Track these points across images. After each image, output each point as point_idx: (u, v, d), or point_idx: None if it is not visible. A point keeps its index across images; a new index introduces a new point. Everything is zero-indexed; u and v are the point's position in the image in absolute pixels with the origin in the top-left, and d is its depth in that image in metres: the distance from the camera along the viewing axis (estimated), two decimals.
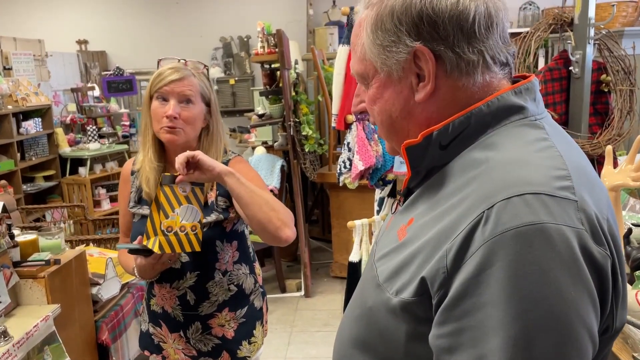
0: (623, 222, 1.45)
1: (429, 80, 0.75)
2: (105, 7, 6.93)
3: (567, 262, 0.63)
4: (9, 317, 1.74)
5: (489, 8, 0.74)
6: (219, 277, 1.63)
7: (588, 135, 2.20)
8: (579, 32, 2.11)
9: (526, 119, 0.75)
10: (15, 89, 4.84)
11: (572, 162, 0.71)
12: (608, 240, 0.67)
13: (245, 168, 1.64)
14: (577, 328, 0.63)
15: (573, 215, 0.65)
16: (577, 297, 0.63)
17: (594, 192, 0.70)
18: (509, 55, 0.77)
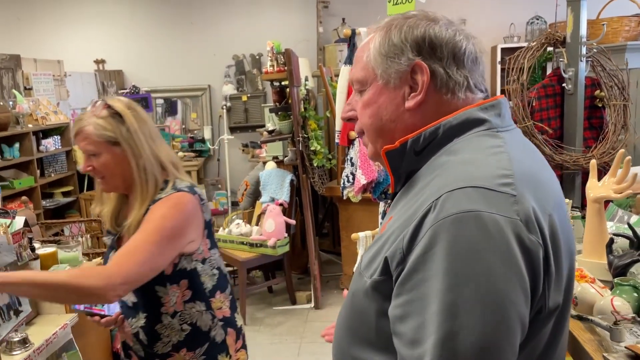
0: (607, 231, 1.52)
1: (420, 91, 0.89)
2: (122, 27, 7.14)
3: (499, 246, 0.73)
4: (30, 325, 1.85)
5: (476, 49, 0.91)
6: (168, 320, 1.59)
7: (582, 149, 2.27)
8: (571, 50, 2.19)
9: (488, 130, 0.87)
10: (35, 108, 5.03)
11: (521, 167, 0.82)
12: (543, 231, 0.77)
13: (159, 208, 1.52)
14: (503, 303, 0.72)
15: (509, 207, 0.75)
16: (505, 276, 0.73)
17: (538, 192, 0.80)
18: (483, 84, 0.92)
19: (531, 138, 2.22)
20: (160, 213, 1.50)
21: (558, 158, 2.19)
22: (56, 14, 7.11)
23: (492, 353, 0.72)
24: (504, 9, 7.04)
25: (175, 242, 1.50)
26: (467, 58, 0.89)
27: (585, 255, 1.53)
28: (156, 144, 1.61)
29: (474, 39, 0.91)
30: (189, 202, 1.54)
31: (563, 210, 0.86)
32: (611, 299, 1.19)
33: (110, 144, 1.54)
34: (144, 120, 1.63)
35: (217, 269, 1.66)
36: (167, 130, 7.00)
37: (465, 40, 0.89)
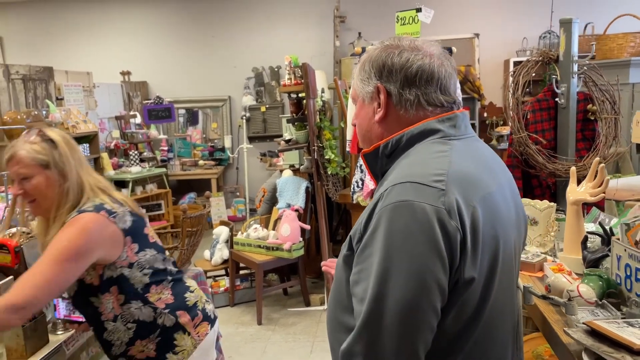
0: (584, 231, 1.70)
1: (382, 107, 1.12)
2: (147, 40, 7.46)
3: (424, 228, 0.94)
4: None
5: (432, 68, 1.09)
6: (111, 325, 1.71)
7: (575, 159, 2.44)
8: (564, 68, 2.37)
9: (441, 138, 1.08)
10: (66, 118, 5.32)
11: (456, 168, 1.01)
12: (463, 219, 0.96)
13: (57, 239, 1.58)
14: (423, 272, 0.94)
15: (437, 199, 0.96)
16: (427, 251, 0.94)
17: (466, 188, 1.00)
18: (446, 101, 1.11)
19: (525, 148, 2.41)
20: (64, 236, 1.56)
21: (551, 167, 2.36)
22: (86, 28, 7.47)
23: (412, 309, 0.94)
24: (517, 23, 7.19)
25: (80, 261, 1.56)
26: (419, 79, 1.08)
27: (565, 252, 1.71)
28: (83, 169, 1.70)
29: (440, 57, 1.11)
30: (90, 221, 1.59)
31: (493, 204, 1.04)
32: (577, 285, 1.38)
33: (42, 167, 1.63)
34: (74, 148, 1.71)
35: (149, 268, 1.72)
36: (189, 139, 7.26)
37: (417, 62, 1.08)
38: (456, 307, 0.99)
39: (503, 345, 1.11)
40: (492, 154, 1.17)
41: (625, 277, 1.40)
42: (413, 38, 1.16)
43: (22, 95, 5.09)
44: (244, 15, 7.36)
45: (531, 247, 1.89)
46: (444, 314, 0.98)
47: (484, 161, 1.11)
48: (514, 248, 1.12)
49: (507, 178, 1.17)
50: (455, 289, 0.98)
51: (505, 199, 1.10)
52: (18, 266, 1.79)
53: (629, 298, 1.37)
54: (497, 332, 1.08)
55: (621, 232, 1.43)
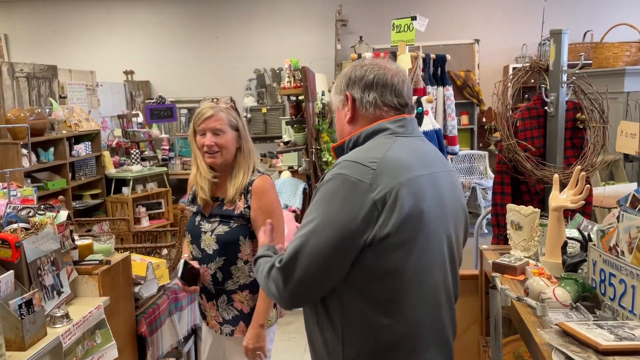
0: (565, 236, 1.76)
1: (349, 110, 1.40)
2: (150, 41, 7.53)
3: (349, 195, 1.22)
4: (69, 305, 2.12)
5: (385, 77, 1.38)
6: (241, 264, 2.08)
7: (564, 166, 2.49)
8: (553, 77, 2.43)
9: (389, 134, 1.35)
10: (69, 116, 5.38)
11: (391, 155, 1.27)
12: (385, 192, 1.21)
13: (264, 193, 2.06)
14: (339, 227, 1.22)
15: (366, 175, 1.23)
16: (346, 212, 1.22)
17: (394, 171, 1.25)
18: (399, 103, 1.38)
19: (514, 155, 2.46)
20: (267, 190, 2.06)
21: (539, 173, 2.42)
22: (90, 28, 7.53)
23: (325, 250, 1.23)
24: (516, 30, 7.24)
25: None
26: (376, 84, 1.37)
27: (546, 257, 1.77)
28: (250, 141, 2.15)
29: (395, 71, 1.38)
30: (270, 181, 2.13)
31: (419, 185, 1.27)
32: (553, 289, 1.44)
33: (233, 128, 2.07)
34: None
35: None
36: None
37: (373, 72, 1.37)
38: (371, 261, 1.23)
39: (428, 305, 1.31)
40: (434, 152, 1.42)
41: (600, 281, 1.46)
42: (375, 59, 1.46)
43: (26, 93, 5.16)
44: (247, 17, 7.42)
45: (515, 252, 1.95)
46: (357, 268, 1.24)
47: (421, 155, 1.35)
48: (445, 226, 1.34)
49: (446, 172, 1.40)
50: (372, 244, 1.22)
51: (437, 185, 1.33)
52: (18, 261, 1.85)
53: (603, 302, 1.42)
54: (420, 291, 1.28)
55: (597, 238, 1.49)
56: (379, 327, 1.26)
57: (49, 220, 2.11)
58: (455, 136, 2.88)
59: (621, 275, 1.35)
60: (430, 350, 1.32)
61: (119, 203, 5.77)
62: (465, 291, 2.26)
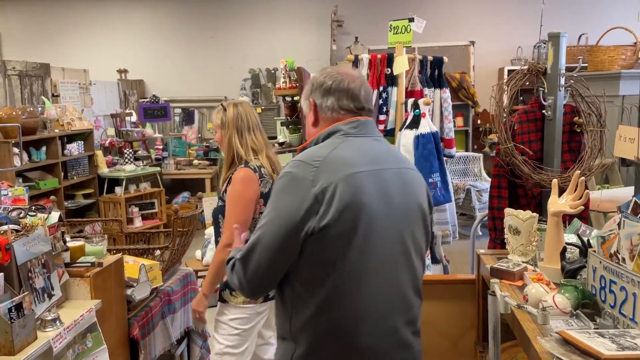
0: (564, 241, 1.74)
1: (312, 115, 1.53)
2: (144, 39, 7.48)
3: (293, 190, 1.36)
4: (60, 308, 2.08)
5: (342, 83, 1.48)
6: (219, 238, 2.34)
7: (561, 170, 2.48)
8: (551, 80, 2.41)
9: (341, 135, 1.46)
10: (61, 115, 5.33)
11: (334, 155, 1.39)
12: (324, 188, 1.33)
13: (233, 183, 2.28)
14: (286, 218, 1.34)
15: (309, 172, 1.36)
16: (291, 205, 1.34)
17: (334, 169, 1.36)
18: (355, 107, 1.48)
19: (512, 158, 2.45)
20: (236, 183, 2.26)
21: (536, 177, 2.40)
22: (84, 26, 7.48)
23: (275, 240, 1.35)
24: (512, 32, 7.24)
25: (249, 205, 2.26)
26: (334, 91, 1.48)
27: (545, 262, 1.75)
28: (244, 134, 2.35)
29: (353, 77, 1.49)
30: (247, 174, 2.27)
31: (360, 180, 1.37)
32: (553, 295, 1.42)
33: (219, 126, 2.38)
34: (240, 119, 2.37)
35: None
36: (184, 138, 7.27)
37: (330, 79, 1.48)
38: (315, 251, 1.35)
39: (372, 297, 1.38)
40: (387, 151, 1.51)
41: (600, 288, 1.44)
42: (339, 66, 1.54)
43: (18, 91, 5.10)
44: (242, 16, 7.39)
45: (513, 256, 1.93)
46: (304, 257, 1.35)
47: (368, 152, 1.45)
48: (394, 223, 1.41)
49: (399, 169, 1.48)
50: (313, 235, 1.33)
51: (382, 181, 1.41)
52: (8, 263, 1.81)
53: (603, 309, 1.41)
54: (363, 282, 1.37)
55: (597, 244, 1.47)
56: (320, 311, 1.38)
57: (40, 221, 2.08)
58: (452, 139, 2.87)
59: (622, 282, 1.34)
60: (374, 341, 1.39)
61: (111, 203, 5.72)
62: (462, 296, 2.25)
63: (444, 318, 2.20)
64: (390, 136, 2.83)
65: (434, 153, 2.48)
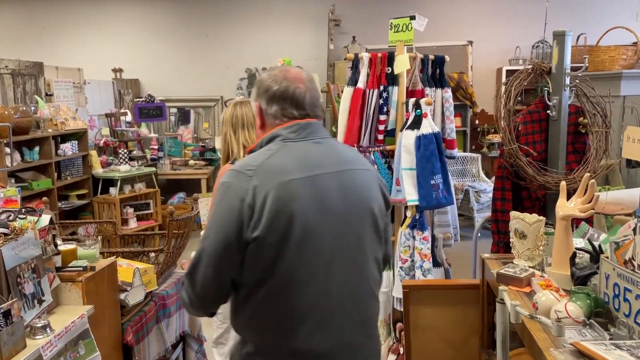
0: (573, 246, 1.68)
1: (259, 119, 1.53)
2: (140, 38, 7.40)
3: (229, 200, 1.37)
4: (51, 314, 2.02)
5: (287, 90, 1.46)
6: None
7: (566, 172, 2.42)
8: (556, 80, 2.36)
9: (280, 140, 1.45)
10: (55, 114, 5.25)
11: (268, 162, 1.39)
12: (255, 197, 1.34)
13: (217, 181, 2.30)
14: (223, 227, 1.37)
15: (243, 182, 1.37)
16: (227, 215, 1.36)
17: (267, 177, 1.36)
18: (299, 114, 1.46)
19: (516, 160, 2.39)
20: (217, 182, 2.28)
21: (541, 179, 2.35)
22: (78, 24, 7.39)
23: (217, 251, 1.37)
24: (510, 32, 7.21)
25: None
26: (278, 98, 1.47)
27: (553, 268, 1.69)
28: (237, 131, 2.40)
29: (299, 82, 1.46)
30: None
31: (293, 188, 1.36)
32: (565, 304, 1.36)
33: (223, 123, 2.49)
34: (235, 116, 2.42)
35: None
36: (179, 138, 7.20)
37: (276, 85, 1.46)
38: (253, 258, 1.37)
39: (311, 300, 1.39)
40: (327, 154, 1.47)
41: (613, 296, 1.38)
42: (287, 67, 1.53)
43: (11, 90, 5.03)
44: (238, 15, 7.32)
45: (519, 261, 1.88)
46: (245, 264, 1.38)
47: (306, 158, 1.43)
48: (333, 227, 1.41)
49: (338, 171, 1.45)
50: (250, 244, 1.36)
51: (318, 187, 1.40)
52: None
53: (617, 318, 1.35)
54: (300, 289, 1.38)
55: (610, 250, 1.41)
56: (259, 313, 1.42)
57: (30, 224, 2.01)
58: (453, 140, 2.81)
59: (637, 290, 1.28)
60: (314, 342, 1.40)
61: (106, 204, 5.64)
62: (465, 301, 2.19)
63: (446, 323, 2.14)
64: (391, 137, 2.76)
65: (436, 154, 2.42)
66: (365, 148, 2.63)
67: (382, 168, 2.64)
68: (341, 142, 1.70)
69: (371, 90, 2.59)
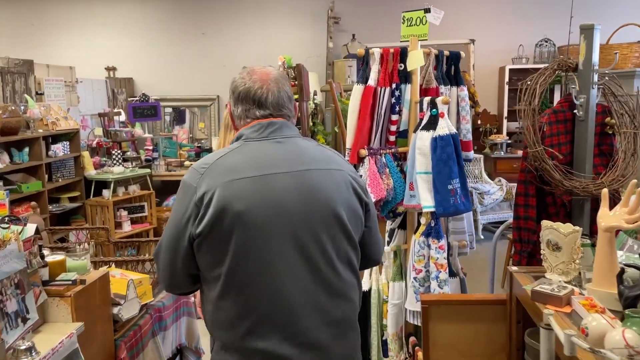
0: (618, 261, 1.52)
1: (231, 119, 1.59)
2: (134, 36, 7.21)
3: (182, 196, 1.44)
4: (36, 333, 1.84)
5: (249, 92, 1.49)
6: None
7: (592, 176, 2.27)
8: (583, 77, 2.20)
9: (242, 140, 1.49)
10: (46, 114, 5.06)
11: (221, 160, 1.44)
12: (203, 194, 1.38)
13: None
14: (176, 222, 1.43)
15: (196, 179, 1.42)
16: (180, 210, 1.43)
17: (217, 175, 1.40)
18: (261, 115, 1.49)
19: (541, 163, 2.23)
20: None
21: (568, 184, 2.19)
22: (70, 21, 7.20)
23: (171, 242, 1.45)
24: (513, 30, 7.08)
25: None
26: (242, 100, 1.51)
27: (595, 284, 1.53)
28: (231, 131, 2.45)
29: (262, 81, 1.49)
30: None
31: (241, 186, 1.39)
32: (622, 330, 1.19)
33: None
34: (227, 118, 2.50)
35: None
36: (175, 139, 7.03)
37: (241, 86, 1.50)
38: (200, 254, 1.43)
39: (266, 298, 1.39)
40: (286, 153, 1.46)
41: None
42: (256, 67, 1.52)
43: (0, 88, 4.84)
44: (235, 12, 7.15)
45: (552, 275, 1.71)
46: (197, 258, 1.44)
47: (261, 158, 1.45)
48: (288, 228, 1.39)
49: (297, 172, 1.43)
50: (195, 239, 1.41)
51: (270, 187, 1.40)
52: None
53: None
54: (245, 290, 1.40)
55: None
56: (217, 310, 1.45)
57: (13, 235, 1.84)
58: (469, 141, 2.65)
59: None
60: (274, 340, 1.40)
61: (98, 206, 5.45)
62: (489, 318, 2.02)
63: (468, 342, 1.98)
64: (403, 138, 2.59)
65: (454, 157, 2.25)
66: (376, 150, 2.45)
67: (394, 171, 2.47)
68: (315, 143, 1.60)
69: (383, 88, 2.42)
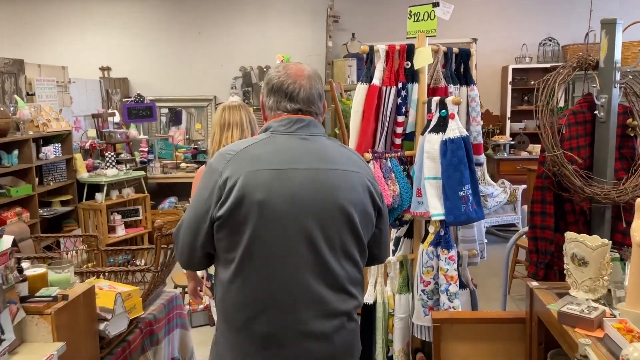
0: None
1: (262, 110, 1.66)
2: (129, 35, 7.06)
3: (207, 178, 1.52)
4: (13, 355, 1.70)
5: (280, 83, 1.56)
6: None
7: (614, 181, 2.12)
8: (605, 76, 2.05)
9: (269, 132, 1.55)
10: (36, 115, 4.91)
11: (247, 150, 1.51)
12: (226, 180, 1.46)
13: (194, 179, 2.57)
14: (202, 202, 1.50)
15: (222, 164, 1.50)
16: (204, 192, 1.50)
17: (241, 163, 1.47)
18: (292, 108, 1.55)
19: (560, 168, 2.08)
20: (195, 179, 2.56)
21: (588, 190, 2.04)
22: (63, 19, 7.04)
23: (193, 218, 1.53)
24: (516, 29, 6.95)
25: None
26: (275, 92, 1.57)
27: (629, 305, 1.38)
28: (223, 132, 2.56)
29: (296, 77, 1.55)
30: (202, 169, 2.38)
31: (263, 177, 1.45)
32: None
33: None
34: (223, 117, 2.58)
35: None
36: (171, 140, 6.88)
37: (275, 79, 1.56)
38: (221, 235, 1.49)
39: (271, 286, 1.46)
40: (309, 151, 1.51)
41: None
42: (292, 63, 1.59)
43: None
44: (232, 12, 7.01)
45: (577, 292, 1.56)
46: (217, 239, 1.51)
47: (285, 152, 1.50)
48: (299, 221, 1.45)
49: (316, 169, 1.49)
50: (215, 221, 1.49)
51: (289, 181, 1.46)
52: None
53: None
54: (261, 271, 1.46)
55: None
56: (229, 289, 1.51)
57: None
58: (480, 144, 2.50)
59: None
60: (277, 326, 1.47)
61: (91, 210, 5.29)
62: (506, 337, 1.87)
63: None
64: (409, 140, 2.44)
65: (465, 161, 2.10)
66: (381, 154, 2.30)
67: (401, 176, 2.31)
68: (338, 143, 1.62)
69: (388, 87, 2.26)
